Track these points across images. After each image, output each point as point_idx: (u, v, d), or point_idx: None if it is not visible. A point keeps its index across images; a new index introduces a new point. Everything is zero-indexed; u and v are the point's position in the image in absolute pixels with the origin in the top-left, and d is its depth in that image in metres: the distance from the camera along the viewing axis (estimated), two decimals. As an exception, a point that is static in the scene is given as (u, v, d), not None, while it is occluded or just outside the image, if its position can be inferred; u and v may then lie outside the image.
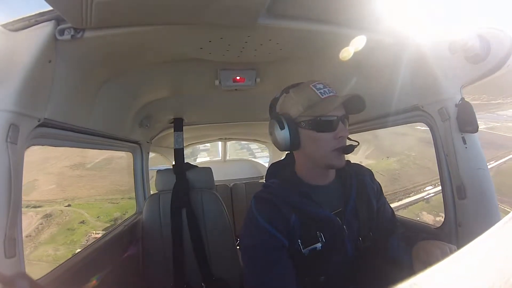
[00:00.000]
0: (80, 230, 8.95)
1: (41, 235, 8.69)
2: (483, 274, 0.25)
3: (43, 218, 8.98)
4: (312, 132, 0.84)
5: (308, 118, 0.84)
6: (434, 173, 4.42)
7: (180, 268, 1.60)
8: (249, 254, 0.86)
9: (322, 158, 0.86)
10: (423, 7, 0.85)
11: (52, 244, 8.51)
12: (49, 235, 8.75)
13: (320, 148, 0.85)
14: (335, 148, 0.83)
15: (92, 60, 0.97)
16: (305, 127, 0.85)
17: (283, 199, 0.87)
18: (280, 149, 0.90)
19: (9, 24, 0.76)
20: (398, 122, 1.31)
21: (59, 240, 8.72)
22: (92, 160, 9.53)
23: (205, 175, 1.75)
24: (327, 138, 0.83)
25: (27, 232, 8.22)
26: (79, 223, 9.11)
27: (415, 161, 12.61)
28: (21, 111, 0.74)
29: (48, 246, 8.37)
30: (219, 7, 0.75)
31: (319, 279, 0.87)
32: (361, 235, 0.93)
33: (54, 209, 9.31)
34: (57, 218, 9.17)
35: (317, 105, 0.83)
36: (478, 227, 0.92)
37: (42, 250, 8.21)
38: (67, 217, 9.22)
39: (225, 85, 1.39)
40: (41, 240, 8.56)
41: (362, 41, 1.01)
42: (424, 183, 10.69)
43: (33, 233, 8.58)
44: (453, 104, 0.97)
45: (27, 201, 8.75)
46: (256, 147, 4.16)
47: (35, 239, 8.49)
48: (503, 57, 0.83)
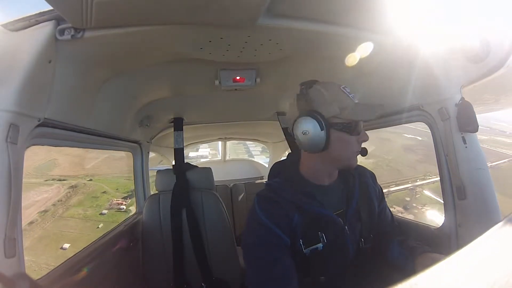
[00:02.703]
0: (103, 197, 11.29)
1: (70, 200, 11.18)
2: (483, 274, 0.25)
3: (69, 188, 11.48)
4: (344, 135, 0.85)
5: (343, 121, 0.84)
6: (402, 175, 6.20)
7: (180, 268, 1.60)
8: (251, 252, 0.86)
9: (346, 159, 0.89)
10: (423, 7, 0.84)
11: (81, 206, 11.07)
12: (77, 201, 11.27)
13: (347, 150, 0.87)
14: (357, 150, 0.88)
15: (92, 60, 0.97)
16: (337, 129, 0.84)
17: (286, 198, 0.87)
18: (310, 150, 0.87)
19: (9, 24, 0.76)
20: (398, 121, 1.31)
21: (86, 204, 11.19)
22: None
23: (205, 175, 1.75)
24: (353, 141, 0.87)
25: (57, 198, 10.85)
26: (101, 193, 11.50)
27: (388, 164, 14.60)
28: (21, 111, 0.74)
29: (77, 208, 10.91)
30: (219, 7, 0.75)
31: (320, 279, 0.87)
32: (363, 236, 0.93)
33: (78, 182, 11.82)
34: (82, 189, 11.66)
35: (351, 109, 0.84)
36: (478, 227, 0.92)
37: (73, 211, 10.74)
38: (91, 188, 11.72)
39: (225, 85, 1.39)
40: (70, 204, 11.07)
41: (368, 47, 1.01)
42: (389, 182, 12.80)
43: (63, 198, 11.17)
44: (453, 104, 0.97)
45: (53, 175, 11.41)
46: (251, 142, 4.20)
47: (66, 203, 11.05)
48: (503, 57, 0.83)
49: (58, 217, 10.57)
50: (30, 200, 10.45)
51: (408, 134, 15.21)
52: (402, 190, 13.36)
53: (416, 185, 13.64)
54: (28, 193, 10.53)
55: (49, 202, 10.94)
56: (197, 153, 7.66)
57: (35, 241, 9.52)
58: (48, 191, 11.42)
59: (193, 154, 6.45)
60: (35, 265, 8.04)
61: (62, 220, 10.49)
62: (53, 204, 10.92)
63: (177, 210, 1.62)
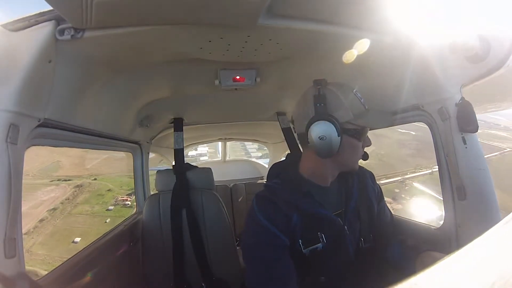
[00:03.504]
0: (108, 195, 11.78)
1: (77, 198, 11.71)
2: (483, 274, 0.25)
3: (75, 188, 12.04)
4: (355, 141, 0.86)
5: (356, 127, 0.85)
6: (394, 169, 7.15)
7: (180, 268, 1.60)
8: (250, 252, 0.86)
9: (352, 164, 0.91)
10: (423, 7, 0.84)
11: (88, 204, 11.59)
12: (83, 199, 11.81)
13: (355, 155, 0.89)
14: (361, 155, 0.90)
15: (92, 60, 0.97)
16: (349, 134, 0.85)
17: (285, 199, 0.87)
18: (322, 155, 0.85)
19: (9, 24, 0.76)
20: (398, 121, 1.30)
21: (92, 201, 11.71)
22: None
23: (205, 176, 1.75)
24: (360, 146, 0.89)
25: (64, 197, 11.40)
26: (106, 190, 11.97)
27: (382, 159, 15.03)
28: (21, 111, 0.74)
29: (85, 205, 11.47)
30: (219, 7, 0.75)
31: (320, 279, 0.87)
32: (363, 236, 0.93)
33: (84, 181, 12.38)
34: (88, 188, 12.21)
35: (363, 115, 0.85)
36: (478, 227, 0.92)
37: (81, 208, 11.32)
38: (96, 187, 12.25)
39: (225, 85, 1.39)
40: (78, 201, 11.59)
41: (365, 44, 1.01)
42: (380, 175, 13.19)
43: (70, 197, 11.70)
44: (453, 104, 0.96)
45: (58, 175, 12.17)
46: (248, 143, 4.24)
47: (73, 201, 11.57)
48: (503, 57, 0.83)
49: (67, 214, 11.22)
50: (38, 200, 11.08)
51: (402, 129, 15.49)
52: (392, 183, 13.80)
53: (406, 178, 14.19)
54: (35, 193, 11.17)
55: (57, 201, 11.54)
56: (196, 152, 7.82)
57: (47, 236, 10.00)
58: (55, 190, 12.02)
59: (193, 153, 6.60)
60: (49, 259, 8.66)
61: (71, 217, 11.15)
62: (61, 203, 11.54)
63: (177, 210, 1.62)
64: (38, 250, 9.17)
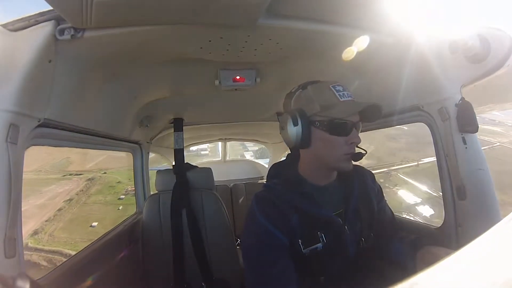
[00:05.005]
0: (118, 187, 12.85)
1: (90, 190, 12.83)
2: (483, 274, 0.25)
3: (87, 181, 13.15)
4: (325, 134, 0.83)
5: (323, 119, 0.83)
6: (380, 161, 7.51)
7: (180, 268, 1.60)
8: (250, 253, 0.86)
9: (331, 161, 0.86)
10: (423, 7, 0.84)
11: (101, 194, 12.79)
12: (96, 190, 12.98)
13: (330, 151, 0.85)
14: (345, 153, 0.84)
15: (92, 60, 0.97)
16: (318, 127, 0.84)
17: (285, 199, 0.86)
18: (290, 146, 0.89)
19: (9, 24, 0.76)
20: (398, 122, 1.30)
21: (105, 192, 12.89)
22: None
23: (205, 176, 1.75)
24: (339, 142, 0.83)
25: (79, 189, 12.68)
26: (116, 182, 13.09)
27: (371, 152, 15.03)
28: (21, 111, 0.74)
29: (98, 195, 12.69)
30: (219, 7, 0.75)
31: (320, 279, 0.87)
32: (363, 236, 0.93)
33: (94, 175, 13.50)
34: (99, 181, 13.40)
35: (334, 107, 0.82)
36: (478, 227, 0.92)
37: (95, 198, 12.54)
38: (107, 180, 13.41)
39: (225, 85, 1.39)
40: (91, 192, 12.74)
41: (365, 42, 1.01)
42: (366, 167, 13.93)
43: (84, 189, 12.83)
44: (453, 104, 0.96)
45: (69, 170, 13.58)
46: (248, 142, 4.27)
47: (87, 192, 12.71)
48: (503, 57, 0.83)
49: (83, 203, 12.43)
50: (54, 192, 12.35)
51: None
52: (378, 174, 14.10)
53: (392, 169, 14.67)
54: (50, 187, 12.45)
55: (72, 192, 12.73)
56: (197, 146, 8.20)
57: (67, 223, 11.22)
58: (69, 183, 13.28)
59: (193, 148, 6.97)
60: (71, 240, 10.05)
61: (87, 206, 12.38)
62: (76, 194, 12.72)
63: (177, 210, 1.62)
64: (60, 234, 10.57)
